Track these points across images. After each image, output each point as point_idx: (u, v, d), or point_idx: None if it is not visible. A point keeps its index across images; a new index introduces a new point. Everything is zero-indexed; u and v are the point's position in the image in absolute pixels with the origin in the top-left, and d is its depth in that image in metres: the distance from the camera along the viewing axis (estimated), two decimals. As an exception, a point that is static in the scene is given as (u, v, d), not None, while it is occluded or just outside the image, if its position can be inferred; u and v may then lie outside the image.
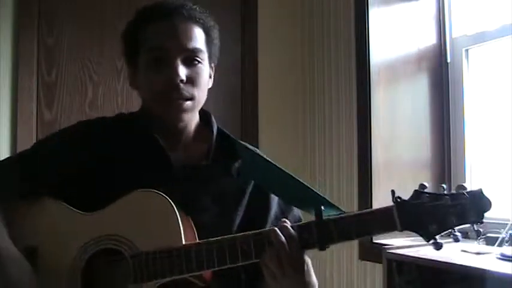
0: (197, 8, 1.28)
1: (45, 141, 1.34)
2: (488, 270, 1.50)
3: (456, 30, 2.33)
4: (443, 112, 2.36)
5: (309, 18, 2.74)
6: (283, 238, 1.08)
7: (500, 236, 1.75)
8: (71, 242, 1.18)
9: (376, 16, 2.32)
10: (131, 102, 2.60)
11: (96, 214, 1.19)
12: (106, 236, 1.16)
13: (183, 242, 1.13)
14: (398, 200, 1.08)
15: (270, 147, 2.55)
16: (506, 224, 1.78)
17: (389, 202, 1.09)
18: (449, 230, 1.06)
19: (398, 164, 2.31)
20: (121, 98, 2.60)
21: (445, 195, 1.07)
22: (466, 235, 1.73)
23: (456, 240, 1.07)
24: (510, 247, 1.69)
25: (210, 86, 1.31)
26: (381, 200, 2.24)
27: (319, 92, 2.66)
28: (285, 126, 2.77)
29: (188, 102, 1.23)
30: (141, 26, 1.26)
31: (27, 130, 2.42)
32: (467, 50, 2.28)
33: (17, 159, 1.35)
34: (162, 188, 1.16)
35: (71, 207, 1.21)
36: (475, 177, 2.26)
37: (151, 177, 1.20)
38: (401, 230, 1.08)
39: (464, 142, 2.28)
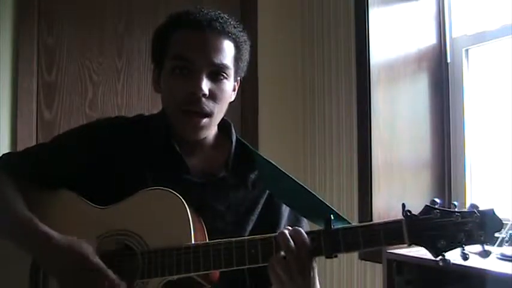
0: (231, 22, 1.27)
1: (66, 135, 1.35)
2: (488, 270, 1.50)
3: (456, 30, 2.33)
4: (443, 112, 2.36)
5: (309, 18, 2.74)
6: (291, 243, 1.09)
7: (500, 236, 1.75)
8: (83, 234, 1.19)
9: (376, 16, 2.32)
10: (131, 102, 2.60)
11: (109, 209, 1.21)
12: (118, 231, 1.18)
13: (193, 242, 1.14)
14: (408, 213, 1.09)
15: (270, 147, 2.55)
16: (506, 224, 1.78)
17: (388, 202, 1.10)
18: (458, 248, 1.06)
19: (399, 164, 2.31)
20: (121, 98, 2.60)
21: (456, 212, 1.07)
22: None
23: (465, 258, 1.06)
24: (510, 247, 1.69)
25: (232, 99, 1.31)
26: (381, 200, 2.24)
27: (319, 92, 2.66)
28: (285, 126, 2.76)
29: (206, 120, 1.23)
30: (172, 31, 1.25)
31: (27, 130, 2.42)
32: (467, 50, 2.28)
33: (36, 150, 1.36)
34: (177, 191, 1.17)
35: (86, 200, 1.23)
36: (475, 177, 2.26)
37: (167, 180, 1.21)
38: (409, 244, 1.09)
39: (464, 142, 2.28)
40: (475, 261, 1.48)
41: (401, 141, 2.33)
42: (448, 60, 2.34)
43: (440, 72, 2.36)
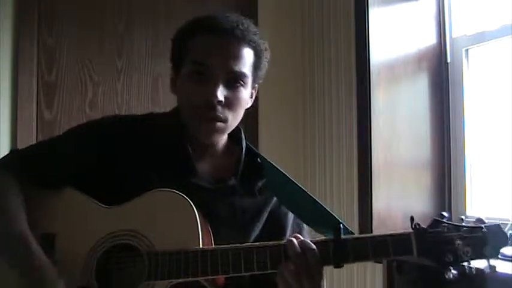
0: (252, 29, 1.26)
1: (72, 132, 1.33)
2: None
3: (456, 30, 2.33)
4: (443, 112, 2.36)
5: (309, 18, 2.74)
6: (299, 250, 1.09)
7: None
8: (89, 233, 1.18)
9: (376, 16, 2.32)
10: (131, 102, 2.60)
11: (116, 208, 1.19)
12: (124, 231, 1.17)
13: (201, 245, 1.13)
14: (417, 226, 1.09)
15: (270, 147, 2.55)
16: (506, 224, 1.78)
17: (388, 202, 1.10)
18: (465, 262, 1.08)
19: (399, 164, 2.32)
20: (121, 98, 2.60)
21: (463, 226, 1.09)
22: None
23: (471, 272, 1.08)
24: (510, 247, 1.69)
25: (249, 105, 1.31)
26: (381, 200, 2.24)
27: (319, 92, 2.66)
28: (285, 126, 2.76)
29: (220, 124, 1.22)
30: (192, 35, 1.24)
31: (27, 130, 2.42)
32: (467, 50, 2.28)
33: (40, 148, 1.35)
34: (184, 193, 1.17)
35: (93, 199, 1.22)
36: (475, 177, 2.26)
37: (174, 181, 1.20)
38: (417, 256, 1.10)
39: (464, 142, 2.28)
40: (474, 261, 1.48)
41: (401, 141, 2.33)
42: (448, 60, 2.35)
43: (440, 72, 2.36)
